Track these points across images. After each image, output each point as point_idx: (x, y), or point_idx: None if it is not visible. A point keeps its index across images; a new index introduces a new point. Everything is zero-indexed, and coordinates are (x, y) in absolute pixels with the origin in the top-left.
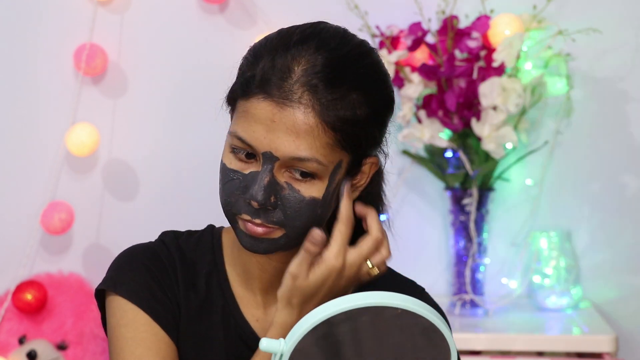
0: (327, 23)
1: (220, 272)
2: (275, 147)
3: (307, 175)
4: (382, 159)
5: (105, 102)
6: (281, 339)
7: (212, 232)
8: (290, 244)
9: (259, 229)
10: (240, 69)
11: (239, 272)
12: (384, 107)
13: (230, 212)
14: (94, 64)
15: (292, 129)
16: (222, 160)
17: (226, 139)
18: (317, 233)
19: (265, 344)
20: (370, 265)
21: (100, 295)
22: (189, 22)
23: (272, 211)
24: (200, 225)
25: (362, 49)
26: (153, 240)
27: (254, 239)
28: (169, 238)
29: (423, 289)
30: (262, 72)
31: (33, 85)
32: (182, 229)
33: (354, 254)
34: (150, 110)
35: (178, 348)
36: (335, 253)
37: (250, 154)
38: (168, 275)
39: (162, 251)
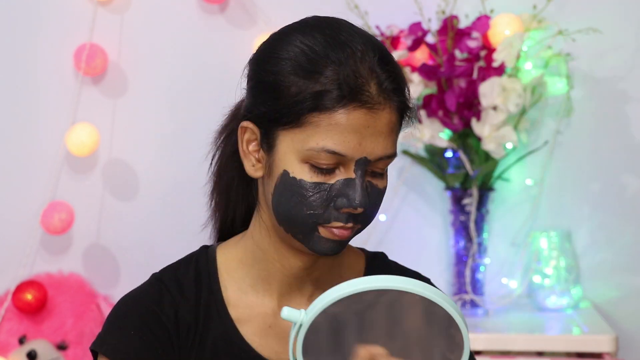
0: (341, 18)
1: (218, 300)
2: (370, 152)
3: (382, 172)
4: None
5: (106, 102)
6: (302, 310)
7: (206, 256)
8: (357, 233)
9: (347, 232)
10: (279, 86)
11: (251, 282)
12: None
13: (315, 223)
14: (94, 64)
15: (383, 131)
16: (292, 176)
17: (292, 152)
18: None
19: (286, 312)
20: None
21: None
22: (189, 22)
23: (360, 214)
24: (199, 225)
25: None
26: (152, 240)
27: (337, 243)
28: (168, 276)
29: (429, 280)
30: (342, 82)
31: (33, 85)
32: (182, 228)
33: None
34: (150, 110)
35: None
36: None
37: (332, 169)
38: (161, 328)
39: (154, 299)
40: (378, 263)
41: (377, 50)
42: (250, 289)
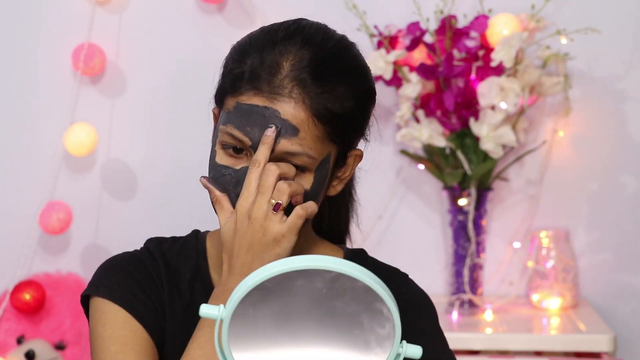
0: (307, 19)
1: (205, 277)
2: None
3: (297, 169)
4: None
5: (104, 102)
6: (221, 305)
7: (196, 238)
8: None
9: None
10: (225, 67)
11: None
12: (368, 99)
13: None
14: (92, 64)
15: (283, 124)
16: (211, 156)
17: (215, 134)
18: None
19: (204, 309)
20: (273, 202)
21: (86, 301)
22: (187, 22)
23: None
24: (198, 226)
25: (344, 43)
26: (145, 242)
27: None
28: (153, 245)
29: (406, 275)
30: (252, 68)
31: (31, 85)
32: (181, 228)
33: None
34: (148, 110)
35: (163, 352)
36: (241, 199)
37: (240, 149)
38: (152, 280)
39: (146, 258)
40: (356, 260)
41: (314, 49)
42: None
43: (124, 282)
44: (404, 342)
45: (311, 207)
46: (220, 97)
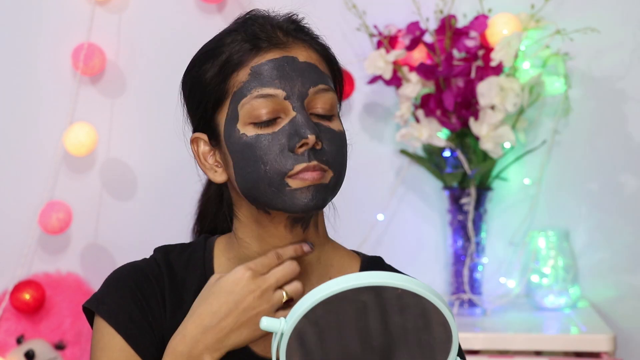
0: None
1: None
2: (299, 87)
3: (329, 114)
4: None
5: (103, 102)
6: (282, 318)
7: (204, 245)
8: (337, 187)
9: (318, 174)
10: (200, 74)
11: None
12: (336, 60)
13: (279, 176)
14: (92, 64)
15: (304, 65)
16: (240, 141)
17: (231, 120)
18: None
19: (265, 322)
20: (284, 295)
21: (89, 310)
22: (187, 22)
23: (320, 150)
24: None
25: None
26: (151, 240)
27: (314, 189)
28: (161, 254)
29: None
30: (247, 38)
31: (31, 85)
32: (180, 228)
33: (270, 274)
34: (148, 109)
35: None
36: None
37: (269, 121)
38: (155, 298)
39: (152, 270)
40: (373, 267)
41: (278, 14)
42: None
43: (124, 302)
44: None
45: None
46: (220, 85)
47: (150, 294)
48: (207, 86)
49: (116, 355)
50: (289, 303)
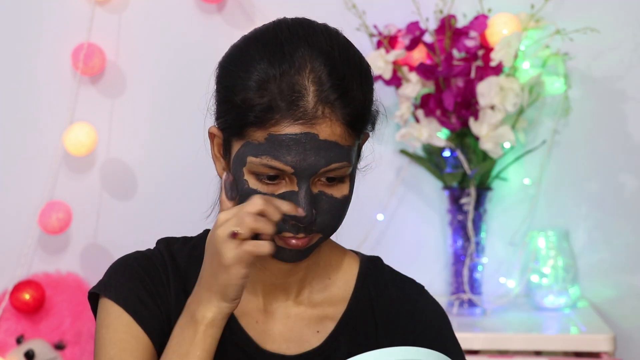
0: (291, 20)
1: None
2: (311, 165)
3: (341, 177)
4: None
5: (103, 102)
6: None
7: (206, 238)
8: (323, 242)
9: (303, 241)
10: (230, 91)
11: None
12: (369, 79)
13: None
14: (92, 64)
15: (323, 144)
16: (242, 183)
17: (240, 162)
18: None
19: None
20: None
21: (93, 298)
22: (187, 22)
23: (311, 223)
24: (197, 225)
25: (343, 40)
26: (151, 240)
27: (297, 252)
28: (163, 246)
29: (422, 287)
30: (277, 98)
31: (31, 85)
32: (180, 228)
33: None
34: (148, 109)
35: None
36: (221, 212)
37: (274, 176)
38: (161, 284)
39: (157, 259)
40: (372, 268)
41: (324, 58)
42: None
43: (132, 284)
44: None
45: (263, 247)
46: (239, 127)
47: (157, 280)
48: (232, 109)
49: (121, 331)
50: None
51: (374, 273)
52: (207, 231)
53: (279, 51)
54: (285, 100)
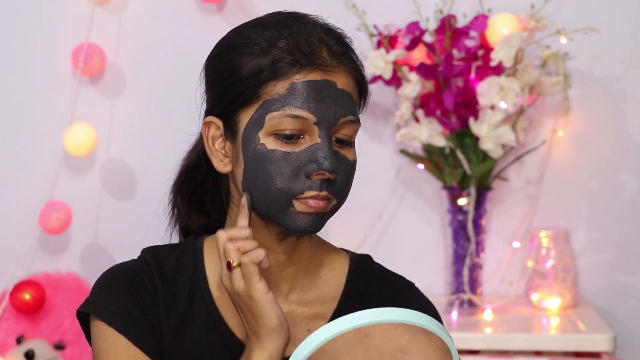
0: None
1: (203, 287)
2: (331, 114)
3: (349, 141)
4: None
5: (103, 102)
6: None
7: (193, 245)
8: (334, 212)
9: (323, 203)
10: (239, 65)
11: None
12: (366, 79)
13: (288, 197)
14: (92, 64)
15: (341, 93)
16: (259, 151)
17: (255, 127)
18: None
19: None
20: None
21: (83, 316)
22: (187, 22)
23: (333, 180)
24: None
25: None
26: (150, 240)
27: (315, 216)
28: (149, 255)
29: (413, 285)
30: (295, 47)
31: (31, 85)
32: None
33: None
34: (148, 109)
35: None
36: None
37: (291, 136)
38: (149, 295)
39: (143, 270)
40: (362, 266)
41: (322, 24)
42: None
43: (121, 302)
44: None
45: (255, 253)
46: (252, 90)
47: (144, 291)
48: (239, 81)
49: (123, 354)
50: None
51: (364, 271)
52: (193, 237)
53: (279, 22)
54: (303, 51)
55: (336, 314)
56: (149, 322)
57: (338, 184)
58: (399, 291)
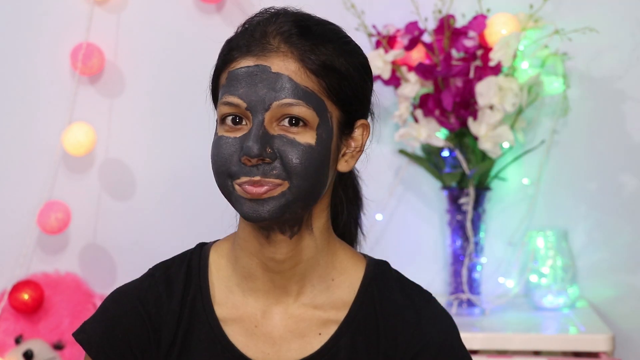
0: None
1: (205, 297)
2: (261, 98)
3: (298, 122)
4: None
5: (102, 102)
6: None
7: (200, 253)
8: (298, 202)
9: (260, 189)
10: (215, 66)
11: (237, 281)
12: (364, 69)
13: (226, 182)
14: (91, 64)
15: (275, 78)
16: (214, 139)
17: (217, 115)
18: None
19: None
20: None
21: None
22: (186, 22)
23: (271, 164)
24: (197, 224)
25: (341, 30)
26: (150, 240)
27: (256, 202)
28: (160, 272)
29: (430, 295)
30: (238, 40)
31: (30, 85)
32: (179, 228)
33: None
34: (147, 109)
35: None
36: None
37: (239, 119)
38: (142, 323)
39: (149, 293)
40: (378, 272)
41: (298, 23)
42: (237, 287)
43: (115, 350)
44: None
45: None
46: (214, 86)
47: (137, 323)
48: (212, 80)
49: None
50: None
51: (380, 277)
52: (200, 245)
53: (251, 19)
54: (244, 39)
55: (348, 320)
56: (133, 356)
57: (286, 166)
58: (414, 301)
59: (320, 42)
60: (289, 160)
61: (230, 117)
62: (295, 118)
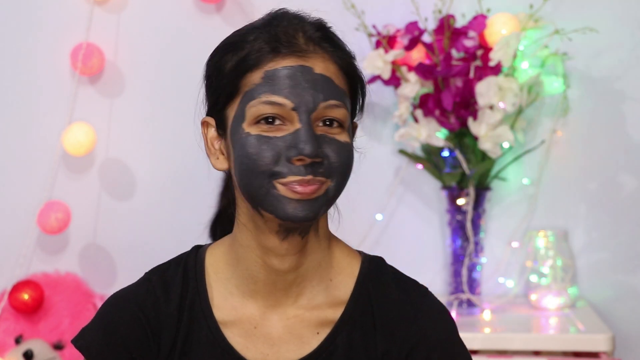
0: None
1: (203, 300)
2: (308, 99)
3: (333, 122)
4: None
5: (102, 102)
6: None
7: (195, 256)
8: (334, 200)
9: (311, 187)
10: (217, 69)
11: (236, 283)
12: (359, 71)
13: (263, 182)
14: (91, 64)
15: (319, 78)
16: (243, 138)
17: (239, 120)
18: None
19: None
20: None
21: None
22: (186, 22)
23: (318, 164)
24: (197, 224)
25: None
26: (149, 240)
27: (304, 202)
28: (156, 277)
29: (426, 289)
30: (269, 39)
31: (30, 85)
32: (178, 228)
33: None
34: (147, 109)
35: None
36: None
37: (274, 120)
38: (141, 328)
39: (147, 298)
40: (373, 268)
41: (306, 15)
42: (236, 289)
43: (107, 338)
44: None
45: None
46: (233, 85)
47: (135, 328)
48: (223, 78)
49: None
50: None
51: (375, 273)
52: (195, 248)
53: (262, 19)
54: (277, 40)
55: (344, 318)
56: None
57: (330, 165)
58: (410, 295)
59: (339, 47)
60: (334, 159)
61: (270, 117)
62: (334, 119)
